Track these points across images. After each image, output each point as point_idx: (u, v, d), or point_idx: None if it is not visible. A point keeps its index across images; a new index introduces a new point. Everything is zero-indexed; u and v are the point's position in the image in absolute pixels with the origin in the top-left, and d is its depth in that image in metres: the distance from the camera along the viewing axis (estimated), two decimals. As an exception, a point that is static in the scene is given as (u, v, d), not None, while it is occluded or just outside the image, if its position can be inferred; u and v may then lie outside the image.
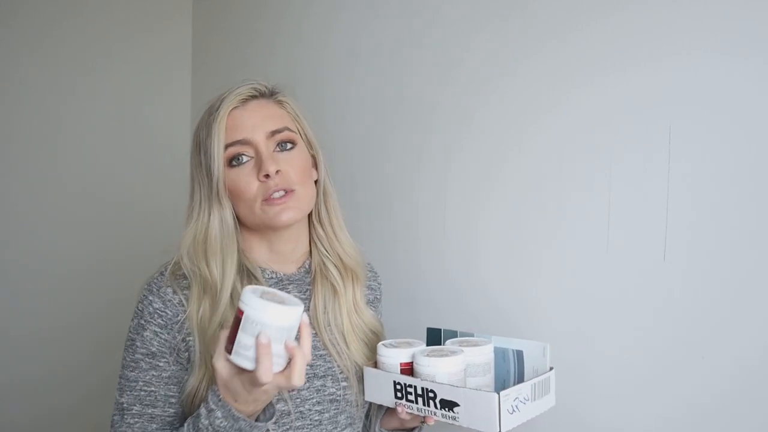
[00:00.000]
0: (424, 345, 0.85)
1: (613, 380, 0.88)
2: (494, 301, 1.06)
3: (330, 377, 0.87)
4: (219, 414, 0.70)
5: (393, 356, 0.82)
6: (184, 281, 0.84)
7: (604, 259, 0.88)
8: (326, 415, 0.85)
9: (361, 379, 0.87)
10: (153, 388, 0.82)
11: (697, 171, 0.78)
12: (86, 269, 1.97)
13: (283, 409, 0.81)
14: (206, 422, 0.71)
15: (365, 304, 0.95)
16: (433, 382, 0.76)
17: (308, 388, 0.85)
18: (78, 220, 1.95)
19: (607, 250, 0.88)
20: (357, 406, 0.89)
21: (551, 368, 0.79)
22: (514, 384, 0.79)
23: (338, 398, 0.86)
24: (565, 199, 0.94)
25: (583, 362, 0.91)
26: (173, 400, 0.82)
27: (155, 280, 0.84)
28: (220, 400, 0.70)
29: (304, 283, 0.92)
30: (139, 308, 0.84)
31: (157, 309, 0.82)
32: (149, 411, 0.81)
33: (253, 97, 0.87)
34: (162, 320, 0.82)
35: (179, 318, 0.82)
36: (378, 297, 1.02)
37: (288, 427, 0.82)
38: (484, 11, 1.06)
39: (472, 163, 1.09)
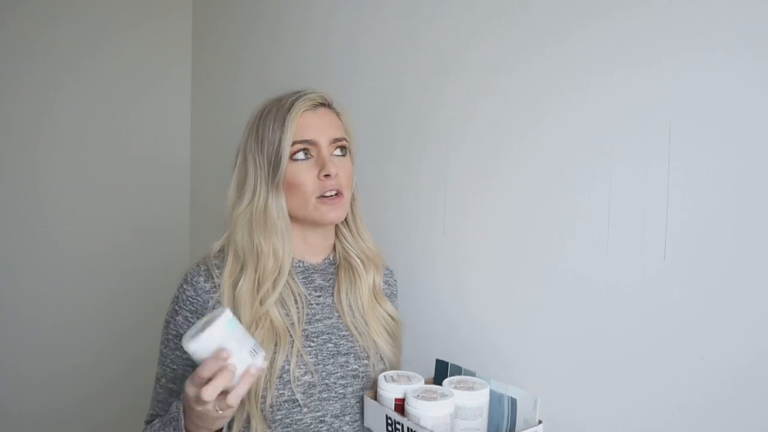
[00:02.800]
0: (423, 381, 0.89)
1: (613, 380, 0.88)
2: (495, 300, 1.06)
3: (352, 355, 0.96)
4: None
5: (389, 391, 0.87)
6: (217, 270, 0.93)
7: (605, 260, 0.88)
8: (350, 389, 0.94)
9: (380, 358, 0.99)
10: (175, 367, 0.93)
11: (698, 171, 0.78)
12: (83, 270, 1.97)
13: (310, 380, 0.91)
14: None
15: (383, 294, 1.05)
16: (417, 424, 0.80)
17: (332, 363, 0.94)
18: (76, 221, 1.94)
19: (607, 250, 0.88)
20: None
21: (540, 422, 0.82)
22: (507, 428, 0.85)
23: (360, 374, 0.96)
24: (565, 200, 0.94)
25: (582, 361, 0.92)
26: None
27: (191, 271, 0.94)
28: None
29: (328, 272, 1.02)
30: (175, 295, 0.94)
31: (190, 296, 0.92)
32: (170, 386, 0.94)
33: (321, 104, 0.98)
34: (193, 306, 0.92)
35: (209, 304, 0.91)
36: (394, 293, 1.11)
37: (316, 398, 0.91)
38: (484, 11, 1.06)
39: (472, 164, 1.09)
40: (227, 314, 0.73)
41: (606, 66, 0.88)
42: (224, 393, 0.71)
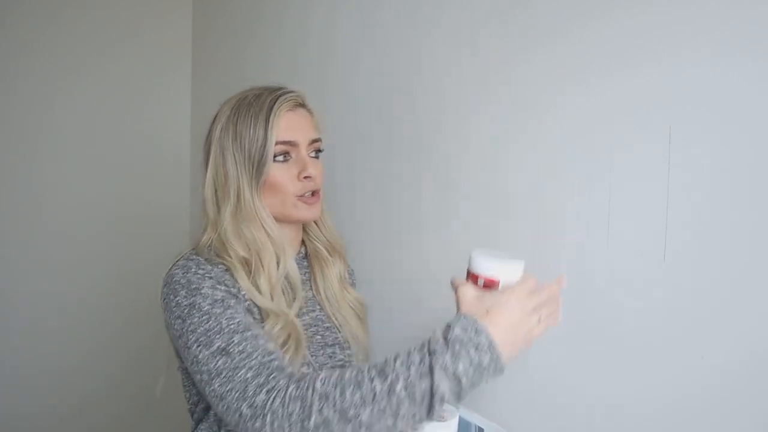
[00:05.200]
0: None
1: (612, 380, 0.88)
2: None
3: (337, 345, 1.00)
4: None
5: None
6: (210, 265, 0.90)
7: (605, 260, 0.88)
8: None
9: (361, 347, 1.04)
10: (238, 318, 0.83)
11: (697, 171, 0.78)
12: (84, 269, 1.97)
13: (307, 372, 0.91)
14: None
15: (347, 282, 1.09)
16: None
17: (323, 354, 0.97)
18: (76, 220, 1.94)
19: (607, 250, 0.88)
20: None
21: None
22: None
23: (345, 364, 1.00)
24: (565, 199, 0.94)
25: (581, 361, 0.92)
26: (257, 325, 0.86)
27: (190, 260, 0.90)
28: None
29: (303, 267, 1.04)
30: (182, 282, 0.86)
31: (204, 273, 0.87)
32: (248, 333, 0.81)
33: (299, 105, 0.98)
34: (212, 280, 0.87)
35: (226, 279, 0.88)
36: (354, 282, 1.16)
37: None
38: (484, 12, 1.06)
39: (472, 163, 1.09)
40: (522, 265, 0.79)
41: (606, 66, 0.88)
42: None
